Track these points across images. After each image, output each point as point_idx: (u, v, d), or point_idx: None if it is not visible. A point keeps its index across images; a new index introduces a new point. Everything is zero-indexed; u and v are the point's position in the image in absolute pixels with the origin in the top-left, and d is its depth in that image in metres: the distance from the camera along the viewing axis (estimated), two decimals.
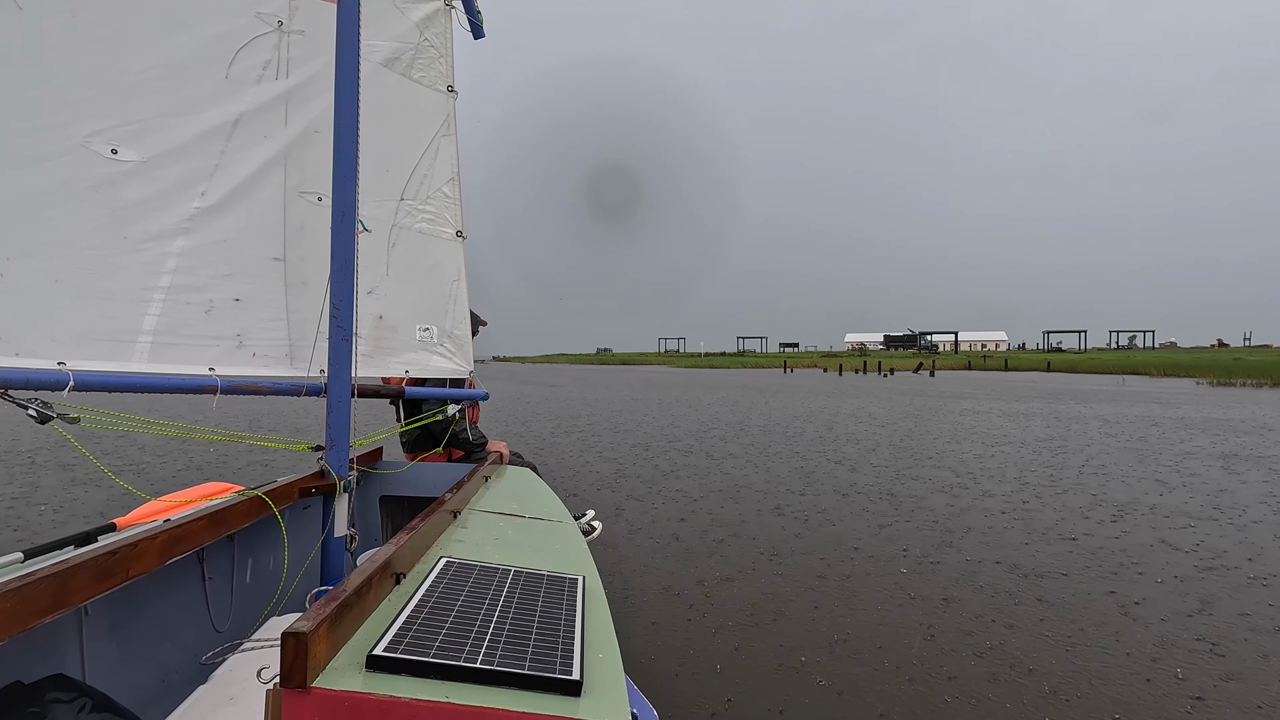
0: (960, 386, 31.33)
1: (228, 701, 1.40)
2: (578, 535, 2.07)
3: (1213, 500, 6.85)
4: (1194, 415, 16.38)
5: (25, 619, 1.16)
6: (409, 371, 2.66)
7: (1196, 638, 3.54)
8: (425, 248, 2.69)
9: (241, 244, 1.98)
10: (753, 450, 10.25)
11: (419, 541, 1.56)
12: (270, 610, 2.06)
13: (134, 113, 1.70)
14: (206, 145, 1.88)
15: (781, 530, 5.62)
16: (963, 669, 3.16)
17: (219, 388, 1.80)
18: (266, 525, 2.08)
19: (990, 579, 4.45)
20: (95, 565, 1.32)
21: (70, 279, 1.58)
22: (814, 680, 3.05)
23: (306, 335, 2.14)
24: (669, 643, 3.42)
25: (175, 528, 1.57)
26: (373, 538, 2.79)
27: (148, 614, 1.68)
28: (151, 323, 1.75)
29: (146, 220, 1.74)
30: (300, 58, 2.09)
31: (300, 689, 0.93)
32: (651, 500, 6.70)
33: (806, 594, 4.15)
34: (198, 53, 1.85)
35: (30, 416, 1.38)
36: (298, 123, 2.11)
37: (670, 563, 4.73)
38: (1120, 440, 11.54)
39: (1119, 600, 4.08)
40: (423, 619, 1.17)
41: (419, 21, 2.58)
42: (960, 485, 7.60)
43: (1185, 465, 8.96)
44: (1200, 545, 5.26)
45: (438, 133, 2.70)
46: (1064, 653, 3.34)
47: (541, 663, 1.07)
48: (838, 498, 6.93)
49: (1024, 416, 15.98)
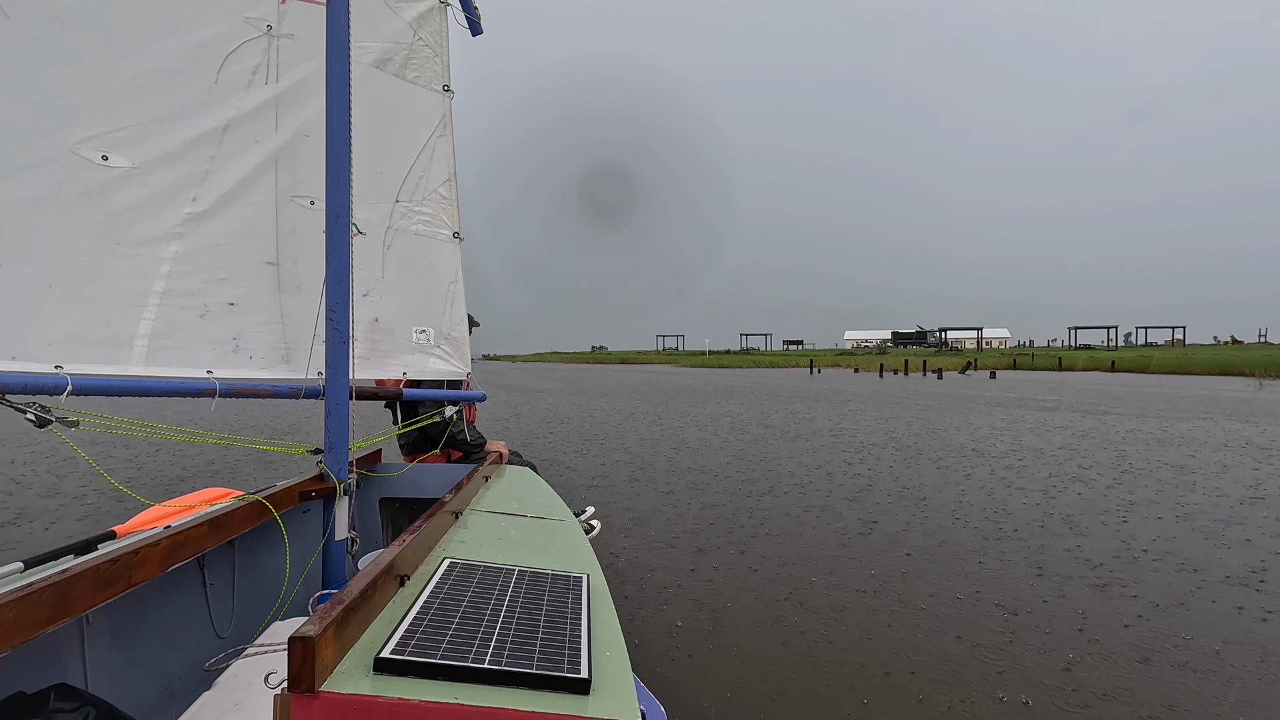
0: (1047, 392, 24.10)
1: (232, 708, 1.40)
2: (580, 534, 2.07)
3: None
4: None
5: (27, 629, 1.15)
6: (406, 373, 2.65)
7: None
8: (421, 249, 2.68)
9: (234, 248, 1.97)
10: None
11: (422, 543, 1.55)
12: (273, 615, 2.06)
13: (124, 119, 1.70)
14: (197, 151, 1.87)
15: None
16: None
17: (217, 390, 1.80)
18: (267, 530, 2.07)
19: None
20: (96, 574, 1.31)
21: (64, 284, 1.58)
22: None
23: (302, 338, 2.13)
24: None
25: (176, 534, 1.57)
26: (373, 540, 2.78)
27: (150, 621, 1.67)
28: (147, 327, 1.75)
29: (139, 226, 1.74)
30: (290, 61, 2.08)
31: (308, 693, 0.93)
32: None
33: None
34: (187, 58, 1.84)
35: (29, 420, 1.37)
36: (289, 127, 2.10)
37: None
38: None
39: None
40: (429, 620, 1.17)
41: (412, 20, 2.57)
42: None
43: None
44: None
45: (433, 133, 2.69)
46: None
47: (549, 662, 1.07)
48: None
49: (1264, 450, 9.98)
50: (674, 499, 6.78)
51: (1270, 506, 6.44)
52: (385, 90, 2.49)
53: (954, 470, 8.32)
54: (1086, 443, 10.73)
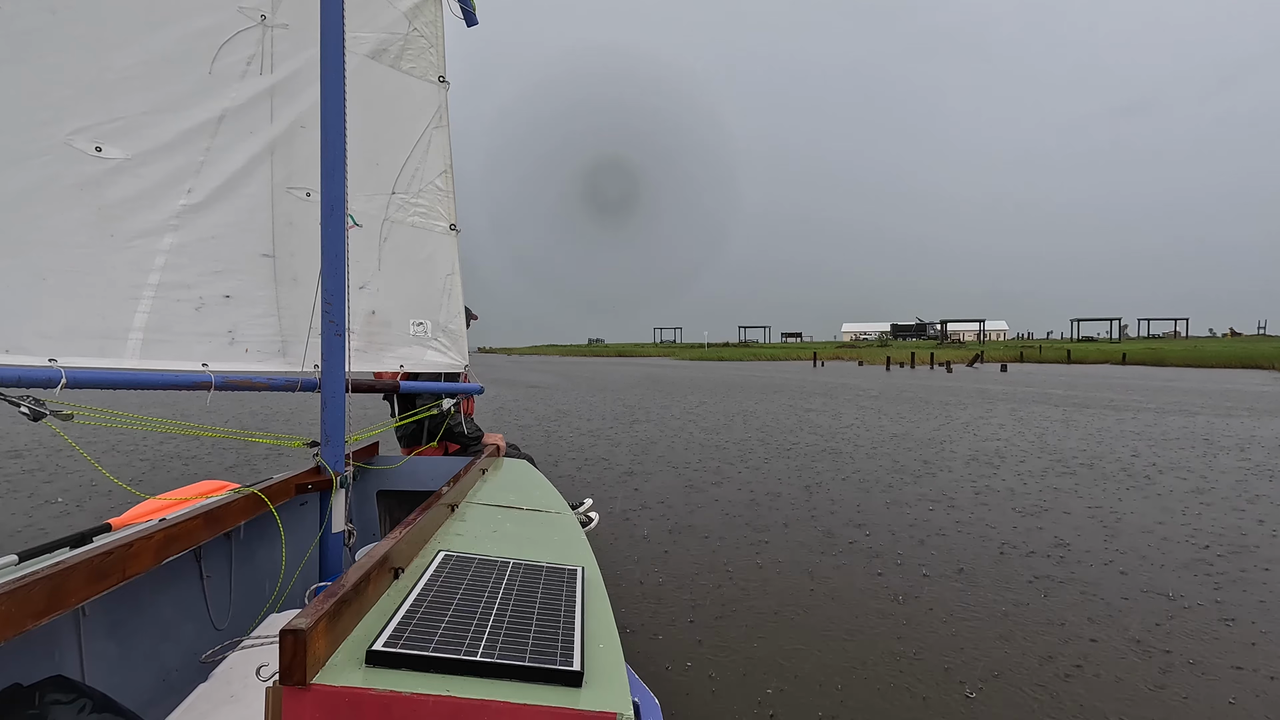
0: (1071, 387, 21.67)
1: (229, 699, 1.40)
2: (576, 526, 2.07)
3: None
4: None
5: (21, 621, 1.15)
6: (404, 366, 2.65)
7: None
8: (418, 242, 2.68)
9: (230, 240, 1.97)
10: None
11: (417, 535, 1.56)
12: (269, 607, 2.06)
13: (117, 110, 1.68)
14: (192, 142, 1.86)
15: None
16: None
17: (213, 383, 1.79)
18: (264, 522, 2.08)
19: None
20: (91, 566, 1.32)
21: (58, 277, 1.57)
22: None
23: (299, 331, 2.12)
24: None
25: (171, 527, 1.57)
26: (370, 533, 2.79)
27: (146, 613, 1.67)
28: (142, 320, 1.74)
29: (133, 218, 1.73)
30: (285, 52, 2.07)
31: (300, 686, 0.93)
32: None
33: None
34: (180, 49, 1.82)
35: (23, 414, 1.37)
36: (284, 118, 2.09)
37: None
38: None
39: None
40: (422, 613, 1.17)
41: (407, 10, 2.55)
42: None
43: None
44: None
45: (429, 125, 2.67)
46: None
47: (542, 654, 1.07)
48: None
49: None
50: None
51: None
52: (381, 81, 2.47)
53: (1095, 485, 6.65)
54: (1161, 447, 8.96)
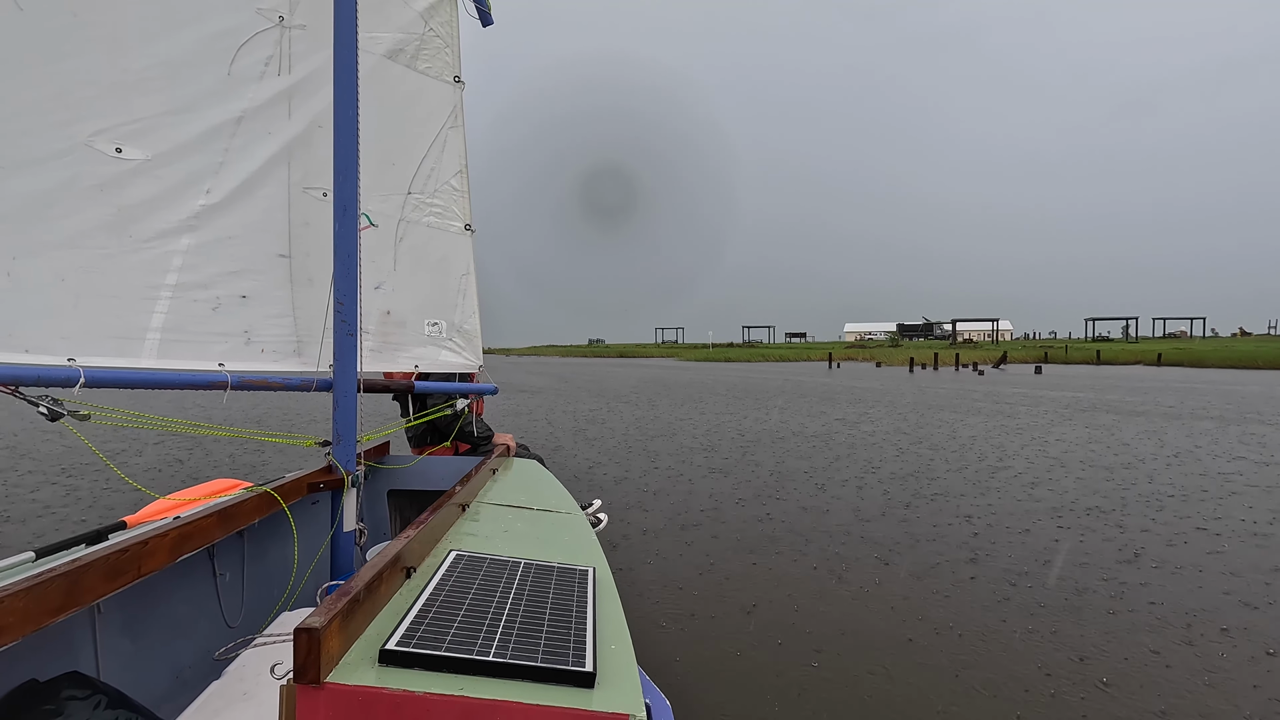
0: (1128, 392, 18.65)
1: (241, 697, 1.41)
2: (586, 527, 2.06)
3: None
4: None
5: (38, 618, 1.16)
6: (418, 366, 2.66)
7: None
8: (433, 242, 2.68)
9: (247, 241, 1.98)
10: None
11: (428, 535, 1.56)
12: (282, 605, 2.07)
13: (137, 111, 1.70)
14: (210, 143, 1.87)
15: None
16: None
17: (229, 383, 1.81)
18: (276, 521, 2.09)
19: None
20: (107, 563, 1.33)
21: (77, 277, 1.59)
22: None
23: (314, 331, 2.14)
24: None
25: (185, 525, 1.58)
26: (381, 532, 2.80)
27: (160, 611, 1.69)
28: (160, 320, 1.76)
29: (152, 219, 1.74)
30: (302, 52, 2.08)
31: (314, 684, 0.93)
32: None
33: None
34: (199, 50, 1.84)
35: (41, 414, 1.38)
36: (301, 118, 2.10)
37: None
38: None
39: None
40: (434, 613, 1.17)
41: (423, 11, 2.56)
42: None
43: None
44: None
45: (445, 125, 2.68)
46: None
47: (554, 654, 1.07)
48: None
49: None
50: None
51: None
52: (397, 81, 2.49)
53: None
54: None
